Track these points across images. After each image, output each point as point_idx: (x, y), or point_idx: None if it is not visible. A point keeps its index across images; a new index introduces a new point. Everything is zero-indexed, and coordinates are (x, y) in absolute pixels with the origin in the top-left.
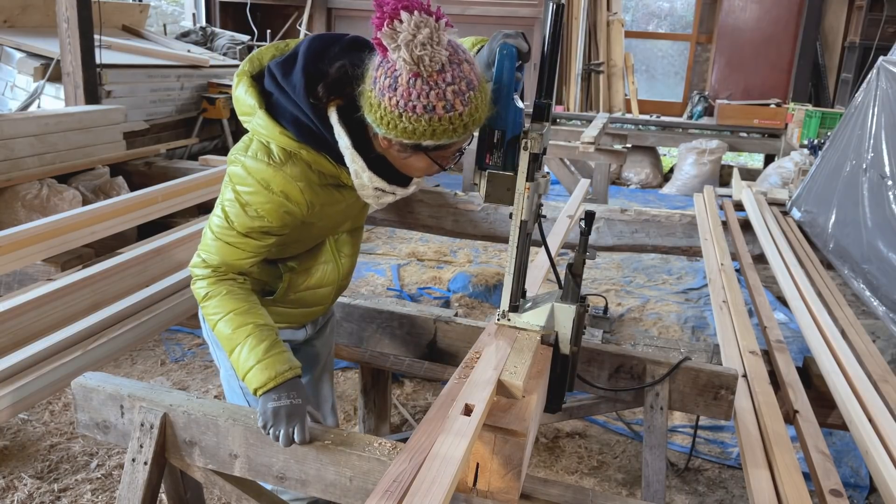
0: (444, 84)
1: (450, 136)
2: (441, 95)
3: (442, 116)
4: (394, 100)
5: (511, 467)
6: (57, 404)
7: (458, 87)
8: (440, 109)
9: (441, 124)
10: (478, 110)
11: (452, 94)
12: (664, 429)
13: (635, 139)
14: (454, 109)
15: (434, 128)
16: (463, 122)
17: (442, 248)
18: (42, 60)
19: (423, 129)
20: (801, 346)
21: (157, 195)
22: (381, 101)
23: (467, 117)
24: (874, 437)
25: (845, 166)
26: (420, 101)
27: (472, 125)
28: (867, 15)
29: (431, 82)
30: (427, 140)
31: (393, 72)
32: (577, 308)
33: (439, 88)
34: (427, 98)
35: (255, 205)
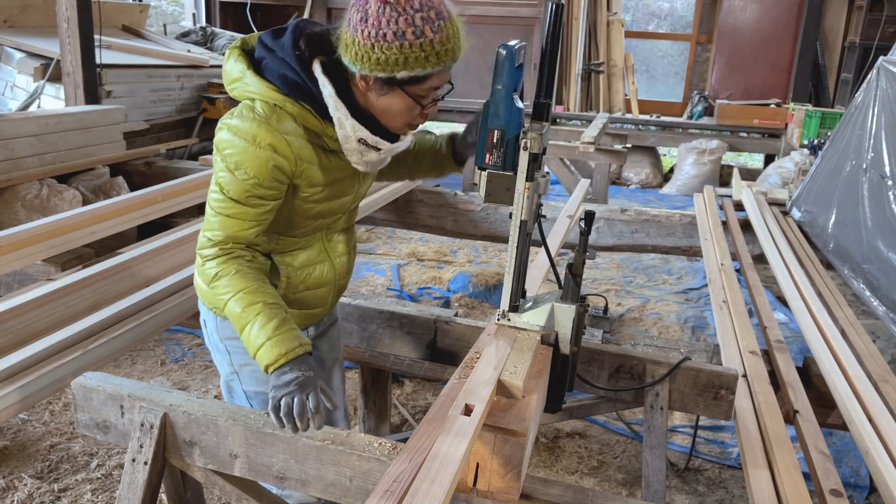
0: (412, 10)
1: (422, 64)
2: (410, 21)
3: (413, 42)
4: (365, 31)
5: (511, 467)
6: (57, 404)
7: (427, 14)
8: (410, 35)
9: (412, 51)
10: (449, 40)
11: (421, 20)
12: (664, 429)
13: (635, 139)
14: (424, 36)
15: (406, 55)
16: (434, 50)
17: (442, 248)
18: (42, 60)
19: (394, 57)
20: (801, 346)
21: (158, 195)
22: (355, 37)
23: (438, 45)
24: (874, 437)
25: (845, 166)
26: (390, 28)
27: (445, 55)
28: (867, 15)
29: (399, 9)
30: (400, 71)
31: (364, 5)
32: (577, 308)
33: (407, 14)
34: (396, 24)
35: (244, 165)
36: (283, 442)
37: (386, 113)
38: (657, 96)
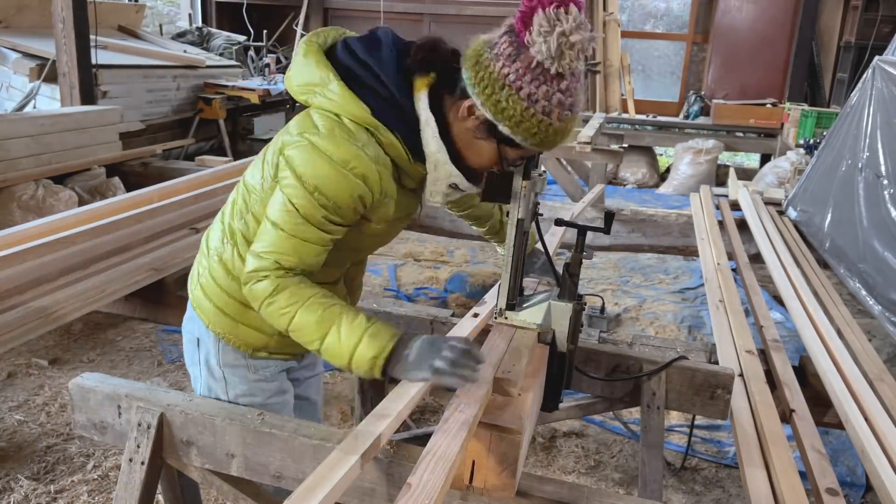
0: (556, 89)
1: (528, 139)
2: (548, 97)
3: (536, 115)
4: (505, 70)
5: (507, 465)
6: (53, 405)
7: (565, 100)
8: (538, 108)
9: (531, 122)
10: (563, 134)
11: (558, 103)
12: (661, 428)
13: (632, 139)
14: (550, 117)
15: (522, 119)
16: (547, 134)
17: (439, 249)
18: (38, 61)
19: (511, 113)
20: (797, 346)
21: (154, 195)
22: (491, 63)
23: (552, 133)
24: (870, 435)
25: (841, 166)
26: (529, 87)
27: (549, 143)
28: (863, 15)
29: (549, 79)
30: (506, 127)
31: (520, 46)
32: (574, 306)
33: (551, 89)
34: (536, 89)
35: (327, 189)
36: (279, 441)
37: (471, 150)
38: (653, 96)
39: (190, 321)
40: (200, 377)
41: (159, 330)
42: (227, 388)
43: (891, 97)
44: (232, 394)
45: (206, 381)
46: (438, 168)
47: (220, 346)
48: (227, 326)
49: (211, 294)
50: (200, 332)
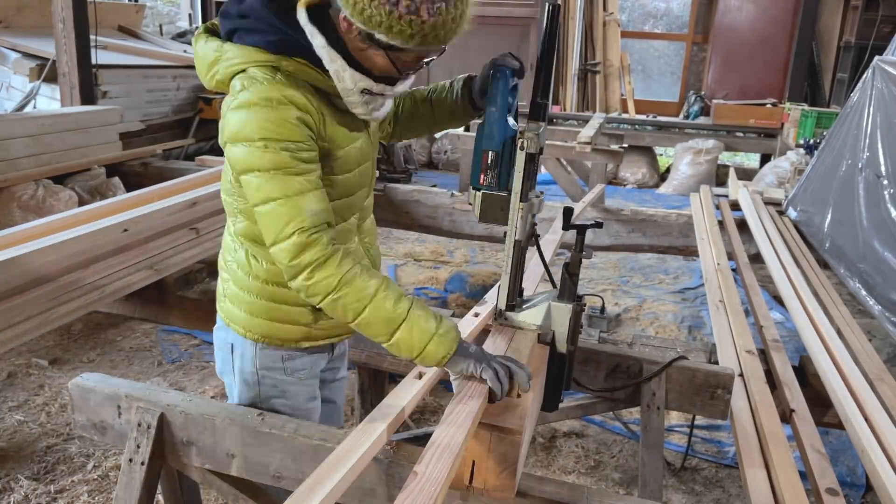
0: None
1: (405, 40)
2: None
3: (402, 16)
4: None
5: (507, 465)
6: (54, 405)
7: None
8: (402, 8)
9: (399, 23)
10: (443, 26)
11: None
12: (661, 428)
13: (632, 139)
14: (417, 14)
15: (391, 23)
16: (422, 32)
17: (439, 249)
18: (38, 61)
19: (378, 19)
20: (797, 346)
21: (154, 195)
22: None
23: (428, 28)
24: (870, 435)
25: (841, 166)
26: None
27: (434, 40)
28: (863, 15)
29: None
30: (381, 34)
31: None
32: (574, 307)
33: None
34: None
35: (271, 133)
36: (279, 441)
37: (366, 60)
38: (653, 96)
39: (222, 330)
40: (235, 384)
41: (159, 330)
42: (260, 393)
43: (891, 97)
44: (264, 396)
45: (240, 387)
46: (341, 77)
47: (258, 350)
48: (263, 329)
49: (238, 303)
50: (235, 339)
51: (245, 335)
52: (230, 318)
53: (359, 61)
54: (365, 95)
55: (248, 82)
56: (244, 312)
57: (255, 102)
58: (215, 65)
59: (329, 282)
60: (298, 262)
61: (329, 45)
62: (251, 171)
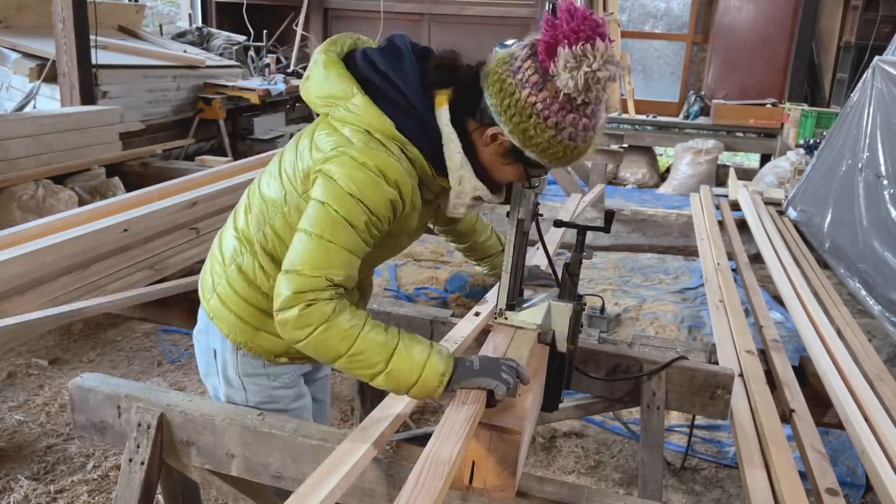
0: (583, 116)
1: (555, 161)
2: (575, 124)
3: (563, 142)
4: (532, 99)
5: (507, 465)
6: (53, 405)
7: (590, 124)
8: (565, 135)
9: (557, 148)
10: (585, 152)
11: (583, 129)
12: (661, 428)
13: (632, 139)
14: (575, 142)
15: (550, 146)
16: (569, 156)
17: (438, 249)
18: (38, 61)
19: (538, 141)
20: (797, 346)
21: (154, 195)
22: (517, 90)
23: (576, 154)
24: (870, 435)
25: (841, 166)
26: (556, 116)
27: (572, 160)
28: (863, 15)
29: (576, 108)
30: (533, 153)
31: (548, 70)
32: (574, 306)
33: (578, 117)
34: (563, 118)
35: (367, 197)
36: (279, 441)
37: (496, 172)
38: (653, 96)
39: (204, 333)
40: (220, 387)
41: (159, 330)
42: (246, 397)
43: (891, 97)
44: (253, 402)
45: (225, 391)
46: (463, 182)
47: (239, 357)
48: (247, 335)
49: (230, 303)
50: (216, 343)
51: (227, 335)
52: (216, 315)
53: (484, 169)
54: (474, 201)
55: (374, 145)
56: (233, 314)
57: (369, 166)
58: (336, 101)
59: (323, 310)
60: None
61: (464, 152)
62: (328, 205)
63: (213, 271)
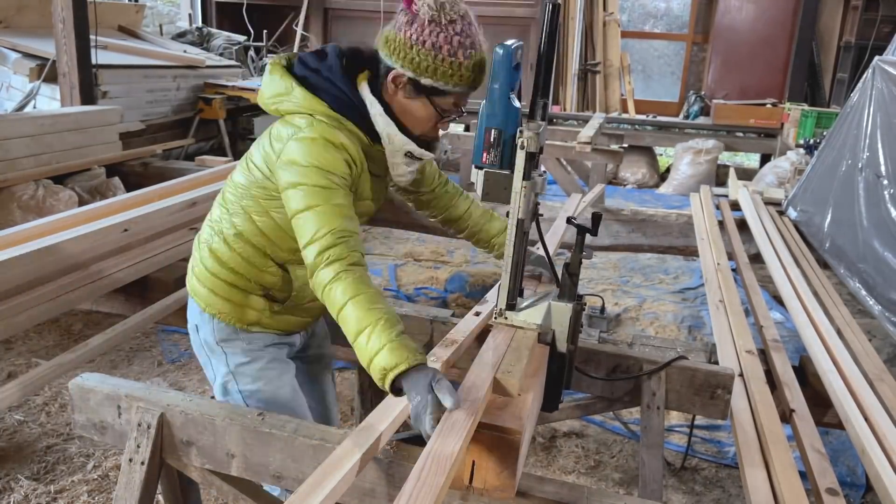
0: (452, 32)
1: (448, 80)
2: (448, 39)
3: (445, 58)
4: (408, 33)
5: (507, 465)
6: (53, 405)
7: (464, 40)
8: (445, 51)
9: (443, 65)
10: (476, 68)
11: (458, 43)
12: (661, 428)
13: (632, 139)
14: (456, 57)
15: (436, 66)
16: (460, 72)
17: (439, 249)
18: (38, 61)
19: (425, 63)
20: (797, 346)
21: (154, 195)
22: (397, 35)
23: (465, 69)
24: (870, 435)
25: (841, 166)
26: (430, 38)
27: (469, 80)
28: (863, 15)
29: (442, 27)
30: (427, 78)
31: (413, 13)
32: (574, 306)
33: (448, 34)
34: (436, 38)
35: (327, 163)
36: (279, 441)
37: (409, 116)
38: (653, 96)
39: (189, 312)
40: (210, 361)
41: (159, 330)
42: (227, 361)
43: (891, 97)
44: (233, 363)
45: (209, 360)
46: (392, 140)
47: (215, 324)
48: (220, 305)
49: (203, 279)
50: (196, 318)
51: (205, 309)
52: (195, 293)
53: (403, 124)
54: (407, 158)
55: (315, 123)
56: (206, 289)
57: (317, 139)
58: (281, 97)
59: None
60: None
61: (384, 113)
62: (299, 185)
63: (193, 257)
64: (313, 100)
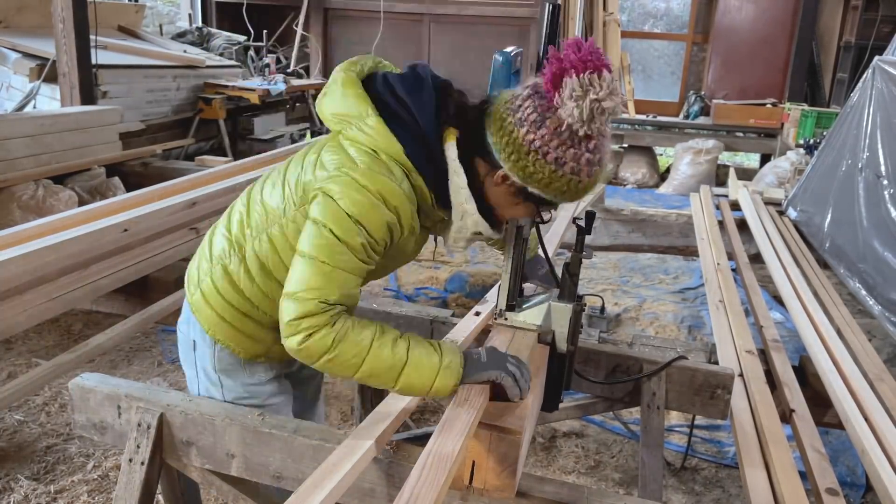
0: (585, 150)
1: (558, 195)
2: (576, 158)
3: (565, 176)
4: (530, 136)
5: (507, 465)
6: (53, 405)
7: (594, 158)
8: (567, 170)
9: (560, 182)
10: (592, 186)
11: (586, 163)
12: (661, 428)
13: (632, 139)
14: (579, 177)
15: (552, 181)
16: (574, 190)
17: (439, 249)
18: (38, 61)
19: (540, 177)
20: (797, 346)
21: (154, 195)
22: (517, 134)
23: (583, 189)
24: (870, 435)
25: (841, 166)
26: (556, 152)
27: (580, 195)
28: (862, 15)
29: (576, 142)
30: (536, 189)
31: (546, 110)
32: (574, 307)
33: (579, 151)
34: (564, 154)
35: (366, 220)
36: (279, 441)
37: (504, 209)
38: (653, 96)
39: (186, 324)
40: (196, 379)
41: (159, 330)
42: (223, 392)
43: (891, 97)
44: (229, 396)
45: (204, 383)
46: (465, 218)
47: (217, 352)
48: (226, 333)
49: (212, 300)
50: (197, 335)
51: (207, 331)
52: (198, 309)
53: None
54: (475, 236)
55: (377, 168)
56: (213, 312)
57: (372, 191)
58: (350, 119)
59: (325, 341)
60: (299, 324)
61: (469, 187)
62: (326, 227)
63: (200, 267)
64: (387, 136)
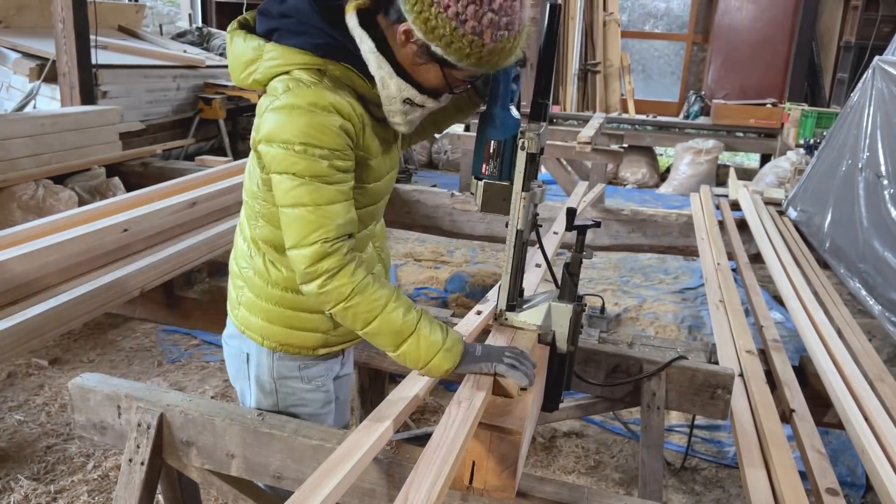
0: (487, 8)
1: (460, 58)
2: (477, 16)
3: (465, 34)
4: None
5: (507, 465)
6: (53, 405)
7: (498, 20)
8: (468, 27)
9: (461, 42)
10: (500, 53)
11: (489, 21)
12: (661, 428)
13: (632, 139)
14: (481, 37)
15: (452, 40)
16: (479, 54)
17: (439, 249)
18: (38, 61)
19: (441, 33)
20: (797, 346)
21: (154, 195)
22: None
23: (487, 52)
24: (870, 435)
25: (841, 166)
26: (455, 6)
27: (487, 63)
28: (863, 14)
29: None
30: (439, 48)
31: None
32: (574, 307)
33: (481, 9)
34: (465, 9)
35: (313, 138)
36: (279, 441)
37: (416, 75)
38: (653, 96)
39: (236, 338)
40: (250, 391)
41: (159, 330)
42: (277, 400)
43: (891, 97)
44: (283, 406)
45: (257, 395)
46: (386, 84)
47: (275, 360)
48: (281, 336)
49: (256, 311)
50: (251, 348)
51: (262, 343)
52: (246, 325)
53: (406, 72)
54: (406, 105)
55: (292, 84)
56: (262, 320)
57: (298, 106)
58: (253, 63)
59: (342, 290)
60: (315, 270)
61: (378, 51)
62: (286, 173)
63: (234, 286)
64: (290, 51)
